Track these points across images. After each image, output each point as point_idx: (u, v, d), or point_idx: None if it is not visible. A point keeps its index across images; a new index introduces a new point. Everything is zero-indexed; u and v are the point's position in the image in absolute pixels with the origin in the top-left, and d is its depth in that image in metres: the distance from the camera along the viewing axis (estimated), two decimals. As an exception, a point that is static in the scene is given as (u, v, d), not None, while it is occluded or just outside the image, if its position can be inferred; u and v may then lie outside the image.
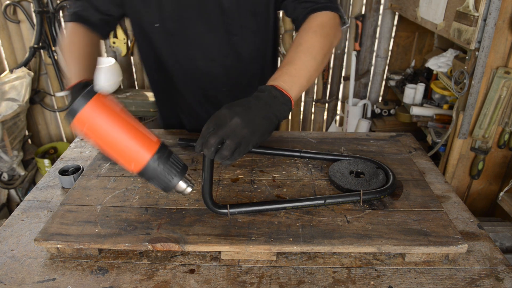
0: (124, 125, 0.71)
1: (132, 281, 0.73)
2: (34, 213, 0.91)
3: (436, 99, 2.21)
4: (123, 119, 0.72)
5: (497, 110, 1.65)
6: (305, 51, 0.88)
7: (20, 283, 0.73)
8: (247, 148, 0.75)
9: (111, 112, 0.70)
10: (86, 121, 0.69)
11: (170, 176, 0.74)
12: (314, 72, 0.88)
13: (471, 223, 0.88)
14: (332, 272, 0.75)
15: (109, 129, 0.70)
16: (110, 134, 0.70)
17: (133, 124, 0.73)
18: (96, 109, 0.69)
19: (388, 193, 0.89)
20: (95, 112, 0.69)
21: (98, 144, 0.72)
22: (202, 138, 0.74)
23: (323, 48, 0.90)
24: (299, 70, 0.85)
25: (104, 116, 0.70)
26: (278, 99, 0.79)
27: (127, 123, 0.72)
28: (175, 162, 0.76)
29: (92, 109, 0.69)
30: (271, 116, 0.78)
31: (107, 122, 0.70)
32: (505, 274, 0.75)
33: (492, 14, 1.46)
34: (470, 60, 1.61)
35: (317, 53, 0.89)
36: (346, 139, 1.17)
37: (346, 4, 2.57)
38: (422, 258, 0.78)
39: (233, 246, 0.76)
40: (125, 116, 0.72)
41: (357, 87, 2.84)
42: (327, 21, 0.95)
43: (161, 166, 0.73)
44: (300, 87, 0.84)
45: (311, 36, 0.91)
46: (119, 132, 0.71)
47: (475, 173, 1.84)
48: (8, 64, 2.58)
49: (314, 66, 0.87)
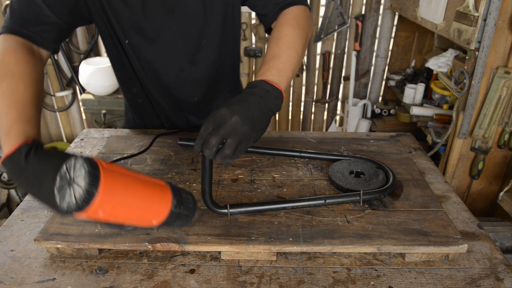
0: (138, 186, 0.59)
1: (132, 281, 0.73)
2: (34, 213, 0.91)
3: (436, 99, 2.21)
4: (134, 180, 0.59)
5: (497, 110, 1.65)
6: (287, 44, 0.91)
7: (20, 283, 0.73)
8: (248, 145, 0.75)
9: (123, 179, 0.57)
10: (101, 206, 0.53)
11: (192, 212, 0.66)
12: (297, 64, 0.90)
13: (471, 223, 0.88)
14: (332, 272, 0.75)
15: (126, 198, 0.57)
16: (127, 203, 0.57)
17: (142, 180, 0.61)
18: (108, 187, 0.53)
19: (388, 193, 0.89)
20: (109, 192, 0.53)
21: (111, 218, 0.57)
22: (201, 138, 0.73)
23: (302, 40, 0.94)
24: (285, 64, 0.87)
25: (118, 190, 0.55)
26: (271, 93, 0.80)
27: (138, 183, 0.59)
28: (187, 195, 0.67)
29: (106, 190, 0.53)
30: (267, 110, 0.79)
31: (122, 194, 0.56)
32: (505, 274, 0.75)
33: (492, 14, 1.46)
34: (470, 60, 1.61)
35: (298, 45, 0.92)
36: (346, 139, 1.17)
37: (346, 4, 2.57)
38: (422, 258, 0.78)
39: (233, 246, 0.76)
40: (132, 175, 0.60)
41: (357, 87, 2.84)
42: (301, 14, 0.99)
43: (181, 207, 0.64)
44: (287, 80, 0.86)
45: (289, 30, 0.94)
46: (137, 197, 0.58)
47: (475, 173, 1.84)
48: (8, 64, 2.58)
49: (297, 58, 0.90)
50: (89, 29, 2.59)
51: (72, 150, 1.17)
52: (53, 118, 2.85)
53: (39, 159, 0.56)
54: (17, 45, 0.84)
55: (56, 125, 2.88)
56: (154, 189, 0.61)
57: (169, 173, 0.99)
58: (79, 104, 2.84)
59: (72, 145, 1.19)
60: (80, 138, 1.22)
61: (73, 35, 2.62)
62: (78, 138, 1.23)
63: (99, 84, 2.40)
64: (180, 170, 1.01)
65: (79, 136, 1.24)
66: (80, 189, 0.50)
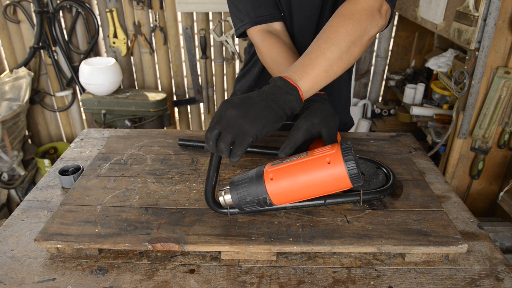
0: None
1: (132, 281, 0.73)
2: (34, 213, 0.91)
3: (436, 99, 2.21)
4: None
5: (497, 110, 1.65)
6: (326, 38, 0.82)
7: (20, 283, 0.73)
8: (245, 139, 0.72)
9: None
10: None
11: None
12: (336, 61, 0.81)
13: (471, 223, 0.88)
14: (332, 272, 0.75)
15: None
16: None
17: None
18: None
19: (388, 193, 0.89)
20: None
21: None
22: (205, 136, 0.75)
23: (350, 34, 0.82)
24: (314, 59, 0.80)
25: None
26: (281, 88, 0.76)
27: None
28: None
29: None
30: (273, 105, 0.75)
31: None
32: (505, 274, 0.75)
33: (492, 14, 1.46)
34: (470, 60, 1.61)
35: (341, 39, 0.81)
36: (346, 139, 1.16)
37: (346, 4, 2.57)
38: (422, 258, 0.78)
39: (233, 246, 0.76)
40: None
41: (357, 87, 2.84)
42: (367, 6, 0.85)
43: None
44: (315, 77, 0.79)
45: (336, 22, 0.84)
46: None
47: (475, 173, 1.84)
48: (8, 64, 2.58)
49: (336, 53, 0.81)
50: (89, 29, 2.60)
51: (72, 150, 1.17)
52: (53, 118, 2.85)
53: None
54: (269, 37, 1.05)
55: (56, 125, 2.88)
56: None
57: (169, 173, 0.99)
58: (79, 104, 2.84)
59: (72, 145, 1.19)
60: (80, 138, 1.22)
61: (73, 35, 2.62)
62: (78, 138, 1.23)
63: (99, 84, 2.40)
64: (180, 170, 1.01)
65: (79, 136, 1.24)
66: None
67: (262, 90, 0.78)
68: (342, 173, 0.73)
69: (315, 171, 0.74)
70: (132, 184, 0.95)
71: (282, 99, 0.76)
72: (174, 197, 0.90)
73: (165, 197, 0.90)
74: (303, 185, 0.75)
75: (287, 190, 0.76)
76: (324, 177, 0.74)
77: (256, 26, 1.07)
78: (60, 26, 2.55)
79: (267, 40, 1.04)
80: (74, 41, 2.64)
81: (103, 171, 1.00)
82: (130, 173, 0.99)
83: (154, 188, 0.93)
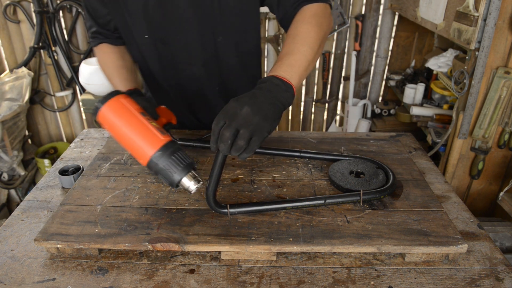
0: (133, 123, 0.80)
1: (132, 281, 0.73)
2: (34, 213, 0.91)
3: (436, 99, 2.21)
4: (134, 118, 0.81)
5: (497, 110, 1.65)
6: (302, 41, 0.90)
7: (20, 283, 0.73)
8: (262, 135, 0.74)
9: (124, 112, 0.81)
10: (104, 118, 0.81)
11: (171, 172, 0.78)
12: (311, 61, 0.90)
13: (471, 223, 0.88)
14: (332, 272, 0.75)
15: (121, 126, 0.80)
16: (121, 131, 0.81)
17: (143, 122, 0.81)
18: (111, 109, 0.81)
19: (388, 193, 0.89)
20: (110, 112, 0.81)
21: (116, 138, 0.83)
22: (214, 135, 0.74)
23: (319, 37, 0.93)
24: (298, 60, 0.87)
25: (117, 115, 0.81)
26: (280, 86, 0.81)
27: (137, 122, 0.81)
28: (179, 159, 0.79)
29: (108, 109, 0.81)
30: (277, 102, 0.79)
31: (119, 120, 0.80)
32: (505, 274, 0.75)
33: (492, 14, 1.46)
34: (470, 60, 1.61)
35: (313, 42, 0.91)
36: (346, 139, 1.17)
37: (346, 4, 2.57)
38: (422, 258, 0.78)
39: (233, 246, 0.76)
40: (138, 116, 0.81)
41: (357, 87, 2.84)
42: (320, 11, 0.97)
43: (162, 162, 0.78)
44: (300, 76, 0.86)
45: (306, 27, 0.93)
46: (128, 130, 0.80)
47: (475, 173, 1.84)
48: (8, 64, 2.58)
49: (312, 55, 0.90)
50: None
51: (72, 150, 1.17)
52: (53, 118, 2.85)
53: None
54: (105, 48, 1.21)
55: (56, 125, 2.88)
56: (148, 134, 0.80)
57: (169, 173, 0.99)
58: (79, 104, 2.84)
59: (72, 145, 1.19)
60: (80, 138, 1.22)
61: (73, 35, 2.62)
62: (78, 138, 1.23)
63: (99, 84, 2.40)
64: (180, 170, 1.01)
65: (79, 136, 1.24)
66: (99, 104, 0.81)
67: (262, 88, 0.79)
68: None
69: (139, 132, 0.80)
70: (132, 184, 0.95)
71: (283, 97, 0.80)
72: (174, 197, 0.90)
73: (165, 197, 0.90)
74: (126, 130, 0.81)
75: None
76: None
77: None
78: (60, 26, 2.55)
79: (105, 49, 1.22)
80: (74, 41, 2.64)
81: (103, 171, 1.00)
82: (130, 173, 0.99)
83: (154, 188, 0.93)
